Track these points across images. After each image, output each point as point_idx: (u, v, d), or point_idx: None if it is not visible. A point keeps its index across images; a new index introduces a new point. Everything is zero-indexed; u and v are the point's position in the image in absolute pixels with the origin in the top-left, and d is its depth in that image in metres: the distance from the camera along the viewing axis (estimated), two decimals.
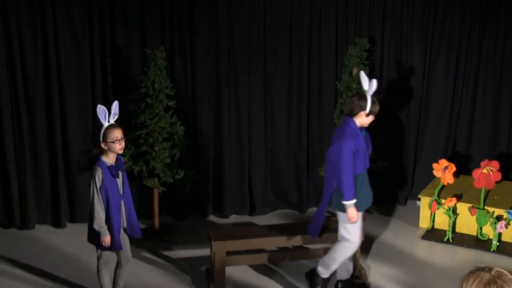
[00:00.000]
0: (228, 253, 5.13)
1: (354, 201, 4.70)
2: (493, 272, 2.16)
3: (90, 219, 4.54)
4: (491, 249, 5.90)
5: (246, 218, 6.79)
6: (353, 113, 4.74)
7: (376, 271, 5.51)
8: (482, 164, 6.03)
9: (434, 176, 6.55)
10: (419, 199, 6.61)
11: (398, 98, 6.99)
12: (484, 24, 6.85)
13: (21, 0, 5.92)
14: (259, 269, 5.49)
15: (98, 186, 4.38)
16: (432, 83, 7.00)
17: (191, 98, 6.51)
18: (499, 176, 6.02)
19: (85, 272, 5.43)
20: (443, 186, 6.38)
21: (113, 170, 4.45)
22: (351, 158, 4.63)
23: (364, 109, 4.70)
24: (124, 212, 4.60)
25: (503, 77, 6.94)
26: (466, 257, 5.81)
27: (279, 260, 5.50)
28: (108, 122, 4.51)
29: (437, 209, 6.28)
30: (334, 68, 6.76)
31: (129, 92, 6.36)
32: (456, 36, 6.88)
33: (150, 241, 6.05)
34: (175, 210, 6.68)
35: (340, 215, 4.86)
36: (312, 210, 7.02)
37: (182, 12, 6.30)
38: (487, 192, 6.14)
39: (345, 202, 4.71)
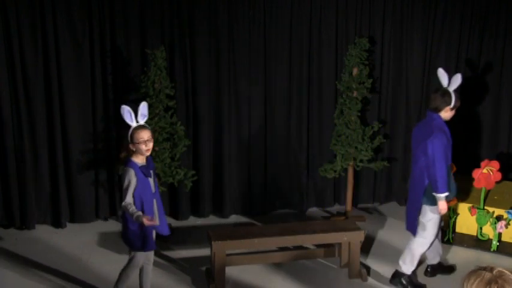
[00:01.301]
0: (228, 253, 5.14)
1: (446, 194, 4.85)
2: (494, 272, 2.16)
3: (124, 222, 4.50)
4: (491, 249, 5.90)
5: (246, 218, 6.79)
6: (438, 109, 4.95)
7: (376, 271, 5.51)
8: (482, 164, 6.02)
9: None
10: None
11: (398, 98, 6.99)
12: (484, 24, 6.85)
13: (21, 0, 5.91)
14: (259, 269, 5.49)
15: (132, 186, 4.33)
16: (432, 83, 7.00)
17: (191, 98, 6.51)
18: (499, 176, 6.02)
19: (85, 272, 5.43)
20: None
21: (144, 170, 4.42)
22: (444, 151, 4.81)
23: (449, 104, 4.93)
24: (156, 211, 4.56)
25: (503, 77, 6.95)
26: (466, 257, 5.80)
27: (279, 260, 5.50)
28: (137, 122, 4.47)
29: None
30: (334, 68, 6.76)
31: (129, 92, 6.36)
32: (456, 36, 6.88)
33: None
34: (175, 210, 6.68)
35: (427, 209, 4.97)
36: (312, 210, 7.04)
37: (182, 12, 6.30)
38: (487, 192, 6.14)
39: (438, 195, 4.84)
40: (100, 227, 6.48)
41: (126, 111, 4.45)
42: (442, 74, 5.10)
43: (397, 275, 5.22)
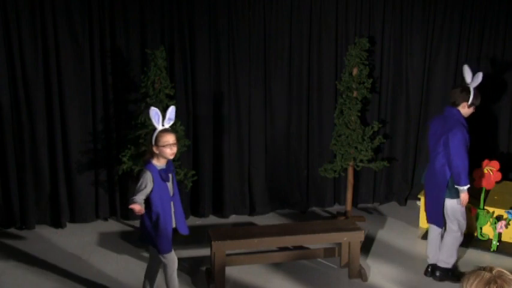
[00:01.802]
0: (228, 253, 5.14)
1: (468, 186, 4.95)
2: (493, 272, 2.17)
3: (142, 225, 4.48)
4: (491, 249, 5.90)
5: (246, 218, 6.79)
6: (455, 104, 5.02)
7: (376, 271, 5.51)
8: (483, 164, 6.02)
9: None
10: (419, 199, 6.61)
11: (398, 98, 6.99)
12: (484, 24, 6.86)
13: (21, 0, 5.91)
14: (259, 269, 5.49)
15: (145, 190, 4.29)
16: (432, 83, 7.01)
17: (191, 98, 6.51)
18: (499, 176, 6.02)
19: (85, 272, 5.43)
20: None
21: (163, 174, 4.38)
22: (464, 144, 4.89)
23: (467, 100, 5.00)
24: (173, 213, 4.54)
25: (503, 77, 6.94)
26: (466, 257, 5.80)
27: (279, 260, 5.50)
28: (163, 125, 4.43)
29: None
30: (334, 68, 6.76)
31: (129, 92, 6.36)
32: (456, 36, 6.88)
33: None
34: None
35: (450, 203, 5.04)
36: (312, 210, 7.04)
37: (182, 12, 6.30)
38: (487, 192, 6.14)
39: (462, 187, 4.93)
40: (100, 227, 6.48)
41: (154, 113, 4.41)
42: (466, 71, 5.15)
43: (439, 270, 5.28)
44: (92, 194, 6.52)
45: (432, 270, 5.33)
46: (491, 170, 6.00)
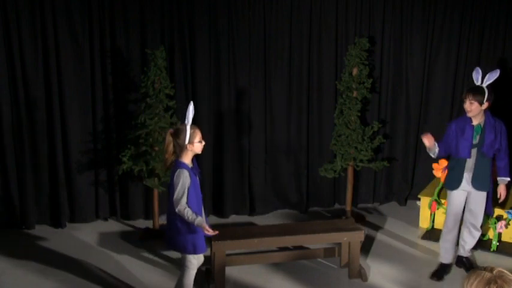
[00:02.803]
0: (228, 253, 5.13)
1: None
2: (494, 272, 2.17)
3: (172, 226, 4.32)
4: (491, 249, 5.90)
5: (246, 218, 6.79)
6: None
7: (376, 271, 5.51)
8: None
9: (434, 176, 6.55)
10: (419, 199, 6.61)
11: (398, 98, 6.99)
12: (484, 24, 6.86)
13: (21, 0, 5.91)
14: (259, 269, 5.49)
15: (186, 189, 4.17)
16: (432, 83, 7.01)
17: (191, 98, 6.51)
18: None
19: (85, 272, 5.42)
20: (444, 186, 6.38)
21: (195, 171, 4.32)
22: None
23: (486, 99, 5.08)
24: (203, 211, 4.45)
25: (503, 77, 6.94)
26: None
27: (279, 260, 5.50)
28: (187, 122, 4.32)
29: (437, 209, 6.28)
30: (334, 68, 6.76)
31: (129, 92, 6.36)
32: (456, 36, 6.88)
33: (150, 241, 6.05)
34: None
35: (482, 195, 5.23)
36: (312, 210, 7.04)
37: (182, 12, 6.30)
38: None
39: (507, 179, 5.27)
40: (100, 227, 6.48)
41: (192, 108, 4.32)
42: (476, 73, 5.21)
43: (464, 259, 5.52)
44: (92, 194, 6.52)
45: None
46: None
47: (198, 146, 4.30)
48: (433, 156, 5.30)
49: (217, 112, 6.60)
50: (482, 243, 6.00)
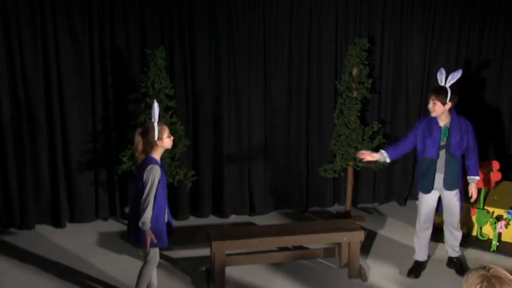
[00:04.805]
0: (228, 253, 5.14)
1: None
2: (490, 271, 2.19)
3: (137, 218, 4.40)
4: (491, 249, 5.90)
5: (246, 218, 6.79)
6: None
7: (376, 271, 5.51)
8: (482, 164, 6.02)
9: None
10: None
11: (398, 98, 6.99)
12: (484, 24, 6.86)
13: (21, 0, 5.92)
14: (259, 269, 5.49)
15: (155, 186, 4.33)
16: (432, 83, 6.99)
17: (191, 98, 6.51)
18: (499, 176, 6.02)
19: (85, 272, 5.43)
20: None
21: (164, 167, 4.51)
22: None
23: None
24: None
25: (503, 77, 6.95)
26: (466, 257, 5.80)
27: (279, 260, 5.50)
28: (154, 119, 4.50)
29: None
30: (334, 68, 6.76)
31: (129, 92, 6.36)
32: (456, 36, 6.88)
33: None
34: (175, 210, 6.67)
35: (454, 194, 5.31)
36: (312, 210, 7.04)
37: (182, 12, 6.30)
38: (487, 192, 6.14)
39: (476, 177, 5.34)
40: (100, 227, 6.48)
41: (156, 107, 4.49)
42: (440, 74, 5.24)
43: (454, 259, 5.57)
44: (91, 194, 6.52)
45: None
46: (491, 170, 6.01)
47: (167, 141, 4.48)
48: (387, 161, 5.42)
49: (216, 112, 6.60)
50: (482, 243, 6.00)
